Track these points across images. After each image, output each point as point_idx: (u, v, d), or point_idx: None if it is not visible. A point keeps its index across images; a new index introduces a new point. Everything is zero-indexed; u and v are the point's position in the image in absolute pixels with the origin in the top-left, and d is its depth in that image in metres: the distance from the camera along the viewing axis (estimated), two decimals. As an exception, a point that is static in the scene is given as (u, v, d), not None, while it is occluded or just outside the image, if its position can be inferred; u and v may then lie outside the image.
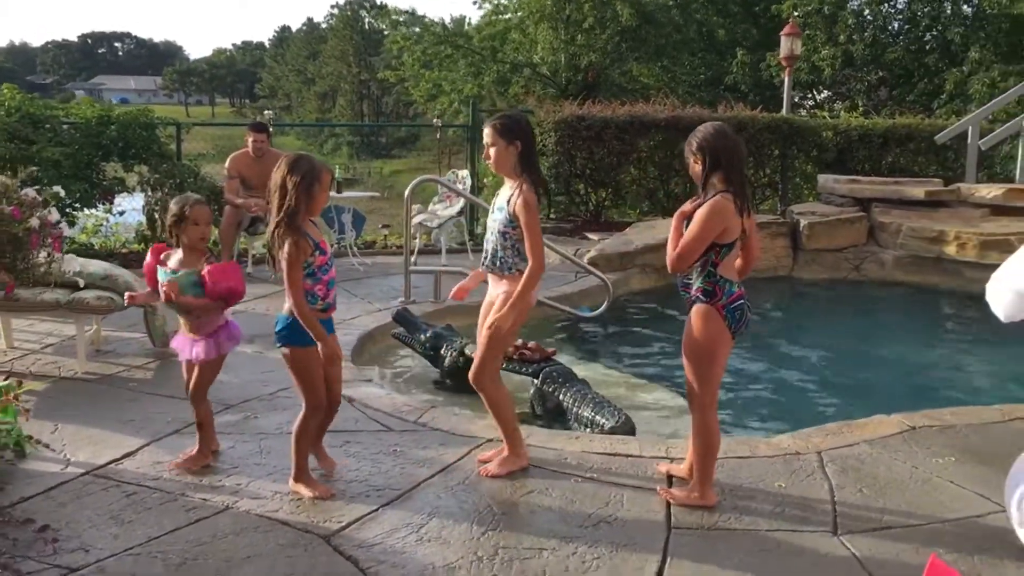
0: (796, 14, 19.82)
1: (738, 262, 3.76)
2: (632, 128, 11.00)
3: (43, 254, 3.14)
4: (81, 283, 3.82)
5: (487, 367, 4.02)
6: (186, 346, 4.08)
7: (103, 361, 5.64)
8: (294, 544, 3.39)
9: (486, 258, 4.03)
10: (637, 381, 5.98)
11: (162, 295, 4.04)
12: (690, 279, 3.70)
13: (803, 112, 18.44)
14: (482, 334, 4.02)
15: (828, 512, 3.70)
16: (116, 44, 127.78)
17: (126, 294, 4.13)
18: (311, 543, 3.41)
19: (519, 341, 5.55)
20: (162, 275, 4.03)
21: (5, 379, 4.10)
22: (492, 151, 3.93)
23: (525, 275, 3.87)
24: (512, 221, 3.87)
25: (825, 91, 23.45)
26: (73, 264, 3.36)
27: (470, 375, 4.06)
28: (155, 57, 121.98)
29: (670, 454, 4.29)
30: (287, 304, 3.72)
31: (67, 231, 3.45)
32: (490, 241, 4.00)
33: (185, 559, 3.26)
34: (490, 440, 4.42)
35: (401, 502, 3.76)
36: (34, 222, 3.03)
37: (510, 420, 4.08)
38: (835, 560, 3.32)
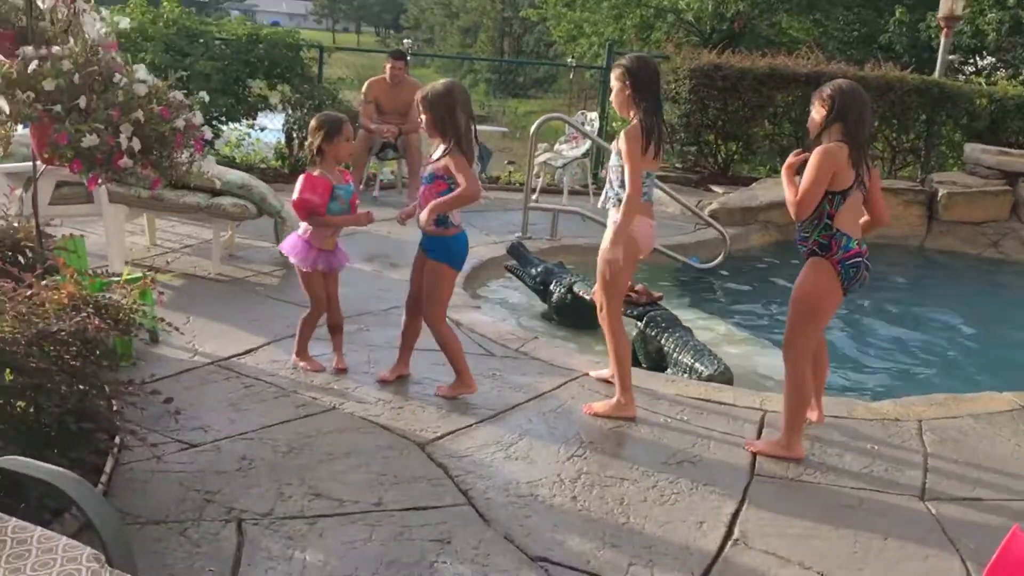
0: (964, -28, 18.66)
1: (864, 219, 3.75)
2: (771, 81, 10.69)
3: (186, 154, 3.39)
4: (217, 183, 4.12)
5: (608, 304, 4.12)
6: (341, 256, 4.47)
7: (234, 265, 6.02)
8: (391, 447, 3.62)
9: (606, 196, 4.11)
10: (742, 334, 5.97)
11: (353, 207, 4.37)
12: (807, 232, 3.68)
13: (961, 78, 17.44)
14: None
15: (918, 478, 3.68)
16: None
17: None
18: (406, 448, 3.62)
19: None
20: (345, 192, 4.27)
21: (129, 272, 4.46)
22: (613, 90, 4.00)
23: (623, 203, 3.90)
24: (619, 155, 3.93)
25: (989, 57, 22.08)
26: (212, 166, 3.61)
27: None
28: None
29: (764, 406, 4.31)
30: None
31: (209, 136, 3.68)
32: (608, 179, 4.10)
33: (291, 448, 3.53)
34: (587, 374, 4.55)
35: (494, 421, 3.94)
36: (179, 123, 3.26)
37: (626, 365, 4.11)
38: (916, 522, 3.32)
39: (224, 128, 9.70)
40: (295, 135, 9.60)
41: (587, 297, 5.67)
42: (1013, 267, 8.70)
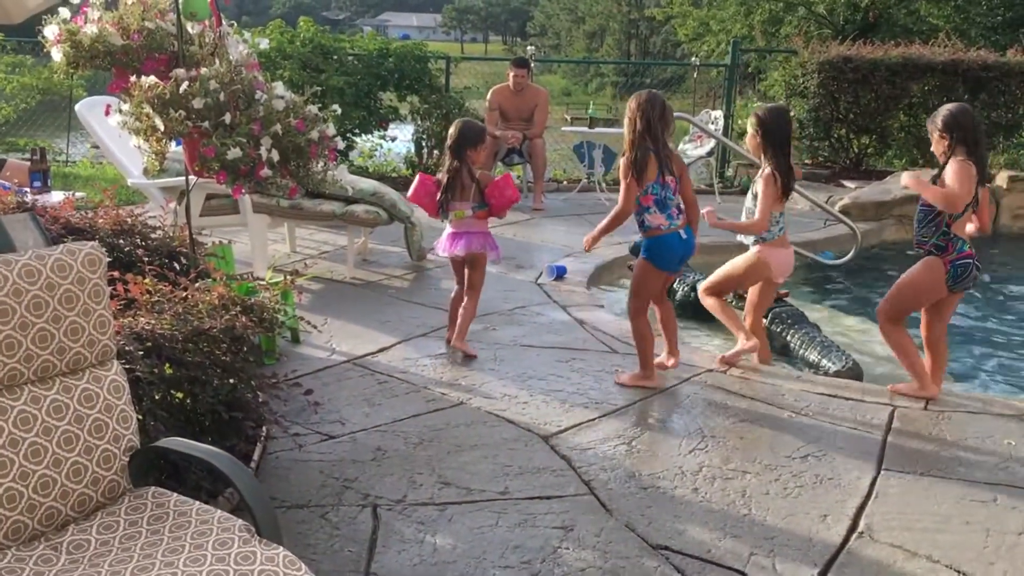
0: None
1: (971, 227, 4.17)
2: (905, 70, 10.34)
3: (320, 164, 3.63)
4: (350, 191, 4.36)
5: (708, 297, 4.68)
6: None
7: (368, 269, 6.31)
8: (516, 439, 3.75)
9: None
10: (873, 330, 5.82)
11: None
12: (927, 236, 4.16)
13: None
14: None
15: (1058, 475, 3.55)
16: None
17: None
18: (531, 440, 3.75)
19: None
20: None
21: (272, 275, 4.78)
22: (747, 135, 4.54)
23: (748, 226, 4.53)
24: (755, 197, 4.43)
25: None
26: (344, 175, 3.84)
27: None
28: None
29: (894, 401, 4.23)
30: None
31: (341, 147, 3.93)
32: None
33: (422, 439, 3.71)
34: (710, 370, 4.57)
35: (617, 415, 4.02)
36: (314, 134, 3.50)
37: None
38: (1054, 520, 3.21)
39: (357, 139, 10.12)
40: (424, 144, 9.92)
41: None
42: None
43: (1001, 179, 9.35)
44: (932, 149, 4.18)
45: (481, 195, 4.58)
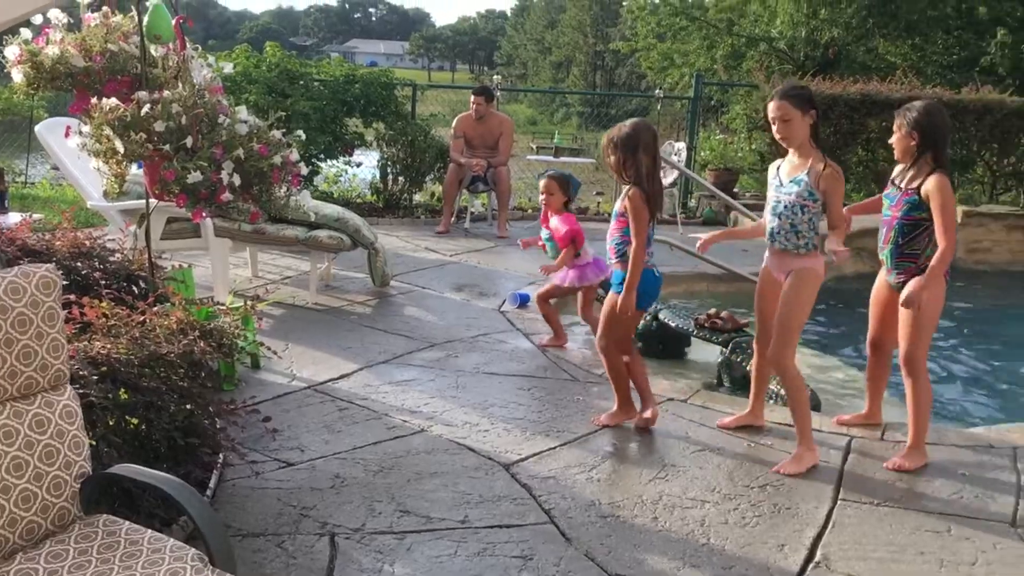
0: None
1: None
2: (863, 106, 10.54)
3: (283, 189, 3.62)
4: (313, 216, 4.35)
5: (790, 347, 3.93)
6: (560, 274, 5.25)
7: (331, 295, 6.28)
8: (477, 467, 3.74)
9: (776, 234, 3.93)
10: (830, 360, 5.90)
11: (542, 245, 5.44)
12: (918, 249, 3.87)
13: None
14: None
15: (1010, 505, 3.60)
16: (371, 9, 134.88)
17: (521, 241, 5.74)
18: (492, 468, 3.74)
19: (712, 310, 5.65)
20: (542, 231, 5.38)
21: (233, 300, 4.74)
22: (784, 124, 3.78)
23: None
24: (812, 194, 3.77)
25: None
26: (308, 200, 3.83)
27: (773, 356, 3.94)
28: (404, 23, 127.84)
29: (850, 431, 4.28)
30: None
31: (305, 172, 3.91)
32: (784, 216, 3.87)
33: (382, 467, 3.68)
34: (671, 399, 4.59)
35: (578, 444, 4.02)
36: (277, 159, 3.49)
37: (807, 413, 3.98)
38: (1006, 551, 3.25)
39: (323, 165, 10.10)
40: (389, 170, 9.93)
41: (671, 325, 5.72)
42: None
43: (956, 214, 9.53)
44: (893, 141, 3.91)
45: None
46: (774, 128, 3.86)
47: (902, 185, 3.91)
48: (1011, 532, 3.39)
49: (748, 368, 5.17)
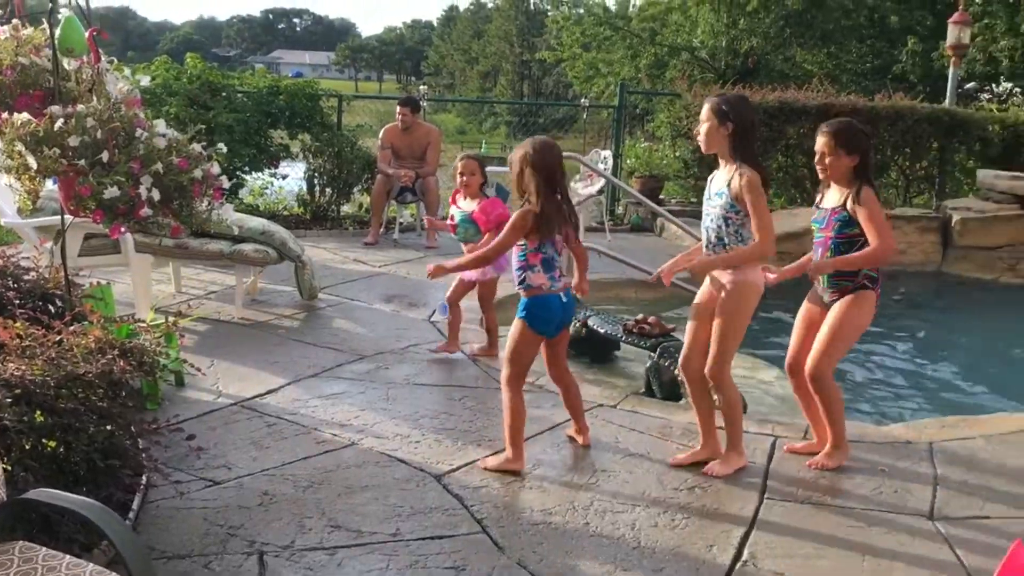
0: (976, 1, 18.80)
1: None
2: (781, 114, 10.81)
3: (204, 203, 3.56)
4: (236, 230, 4.29)
5: (724, 361, 3.86)
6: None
7: (257, 309, 6.18)
8: (408, 479, 3.72)
9: (708, 246, 3.88)
10: (757, 362, 6.02)
11: (449, 228, 5.44)
12: (853, 270, 3.80)
13: (975, 106, 17.50)
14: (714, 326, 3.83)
15: (927, 498, 3.72)
16: (295, 20, 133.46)
17: (425, 217, 6.10)
18: (423, 480, 3.72)
19: (640, 315, 5.72)
20: (451, 211, 5.35)
21: (154, 315, 4.64)
22: (703, 128, 3.77)
23: (747, 252, 3.73)
24: (733, 205, 3.70)
25: (1005, 84, 22.14)
26: (230, 214, 3.77)
27: (708, 371, 3.87)
28: (330, 33, 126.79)
29: (775, 432, 4.38)
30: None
31: (227, 185, 3.85)
32: (711, 229, 3.84)
33: (312, 482, 3.64)
34: (600, 405, 4.63)
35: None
36: (197, 173, 3.43)
37: (739, 420, 3.97)
38: (924, 542, 3.36)
39: (247, 177, 9.95)
40: (316, 182, 9.84)
41: (600, 331, 5.78)
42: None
43: (886, 223, 9.82)
44: (822, 164, 3.80)
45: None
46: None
47: (827, 206, 3.87)
48: (929, 524, 3.51)
49: (676, 372, 5.25)
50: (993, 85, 22.65)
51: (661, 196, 11.15)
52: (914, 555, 3.27)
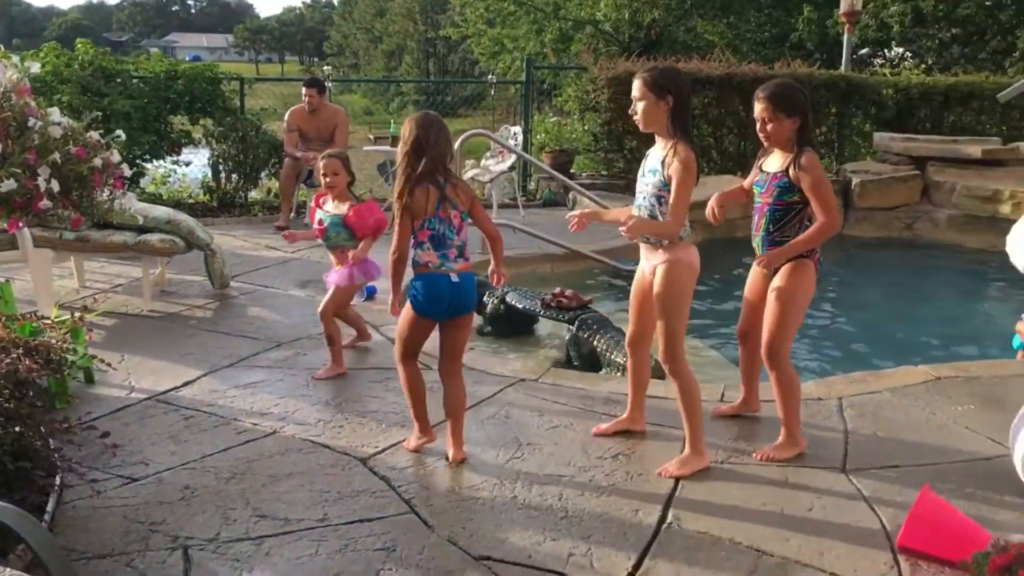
0: (867, -32, 19.35)
1: None
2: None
3: (106, 192, 3.44)
4: (141, 220, 4.14)
5: (676, 345, 3.69)
6: (330, 274, 4.85)
7: (167, 301, 6.03)
8: (333, 464, 3.69)
9: None
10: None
11: (315, 232, 4.87)
12: (791, 235, 3.73)
13: (869, 71, 18.07)
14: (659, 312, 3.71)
15: (839, 452, 3.86)
16: (189, 2, 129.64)
17: (284, 235, 5.34)
18: (348, 464, 3.70)
19: (557, 289, 5.78)
20: (317, 214, 4.85)
21: (58, 311, 4.48)
22: (640, 105, 3.58)
23: (663, 227, 3.60)
24: (667, 184, 3.55)
25: (896, 49, 22.91)
26: (134, 203, 3.65)
27: (662, 359, 3.72)
28: (227, 15, 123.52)
29: (693, 396, 4.47)
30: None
31: (128, 174, 3.72)
32: (643, 208, 3.69)
33: (234, 473, 3.58)
34: (523, 379, 4.66)
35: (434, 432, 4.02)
36: (97, 162, 3.31)
37: (699, 413, 3.73)
38: (838, 493, 3.49)
39: (148, 166, 9.65)
40: (221, 168, 9.61)
41: (519, 306, 5.81)
42: (926, 248, 9.08)
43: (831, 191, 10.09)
44: (764, 131, 3.70)
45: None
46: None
47: (769, 170, 3.79)
48: (842, 476, 3.64)
49: (595, 343, 5.33)
50: (885, 50, 23.42)
51: (572, 170, 11.24)
52: (830, 506, 3.39)
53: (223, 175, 9.65)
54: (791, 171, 3.65)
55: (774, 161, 3.79)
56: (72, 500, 3.31)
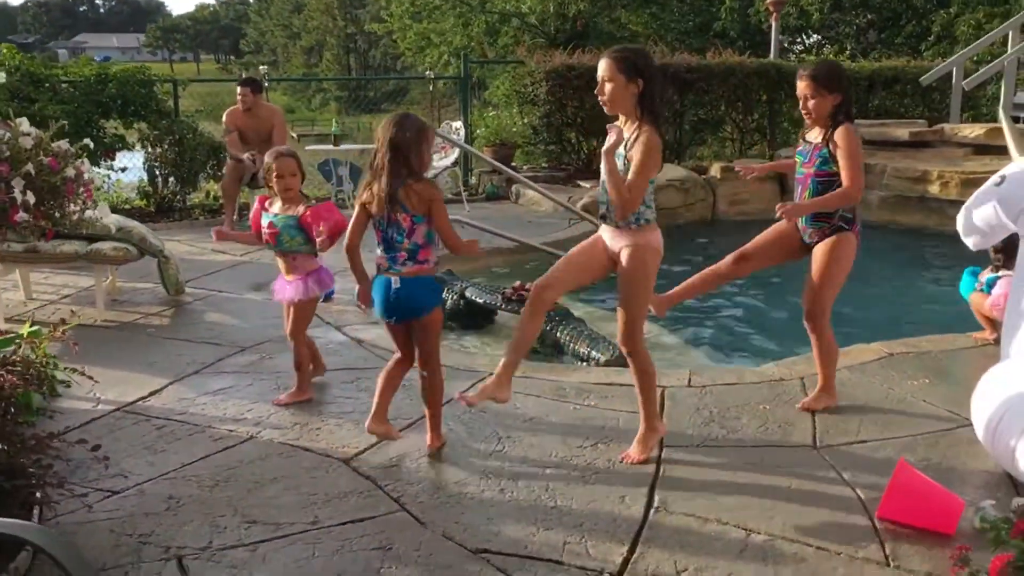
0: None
1: None
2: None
3: (78, 203, 3.37)
4: (113, 229, 4.05)
5: (636, 329, 3.68)
6: (282, 287, 4.41)
7: (120, 310, 5.90)
8: (316, 467, 3.68)
9: (606, 211, 3.63)
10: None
11: (265, 237, 4.36)
12: (831, 211, 3.98)
13: (792, 57, 18.53)
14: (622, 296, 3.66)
15: (808, 430, 4.00)
16: (97, 1, 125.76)
17: (213, 230, 4.69)
18: (331, 466, 3.70)
19: (517, 283, 5.83)
20: (265, 218, 4.34)
21: (30, 326, 4.36)
22: (608, 87, 3.47)
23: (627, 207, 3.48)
24: (630, 167, 3.46)
25: (814, 35, 23.53)
26: (106, 212, 3.58)
27: (621, 342, 3.71)
28: (137, 14, 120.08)
29: (662, 382, 4.56)
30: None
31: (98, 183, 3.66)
32: (609, 192, 3.54)
33: (217, 481, 3.55)
34: (491, 374, 4.68)
35: (412, 429, 4.04)
36: (70, 172, 3.25)
37: (654, 392, 3.80)
38: (814, 469, 3.63)
39: (82, 172, 9.40)
40: (158, 172, 9.41)
41: (479, 301, 5.85)
42: (865, 228, 9.34)
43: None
44: (806, 108, 3.94)
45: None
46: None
47: (813, 140, 4.02)
48: (813, 454, 3.78)
49: (557, 335, 5.40)
50: (804, 37, 24.02)
51: (513, 164, 11.29)
52: (807, 483, 3.52)
53: (160, 179, 9.45)
54: (830, 141, 3.89)
55: (815, 132, 4.05)
56: (55, 516, 3.24)
